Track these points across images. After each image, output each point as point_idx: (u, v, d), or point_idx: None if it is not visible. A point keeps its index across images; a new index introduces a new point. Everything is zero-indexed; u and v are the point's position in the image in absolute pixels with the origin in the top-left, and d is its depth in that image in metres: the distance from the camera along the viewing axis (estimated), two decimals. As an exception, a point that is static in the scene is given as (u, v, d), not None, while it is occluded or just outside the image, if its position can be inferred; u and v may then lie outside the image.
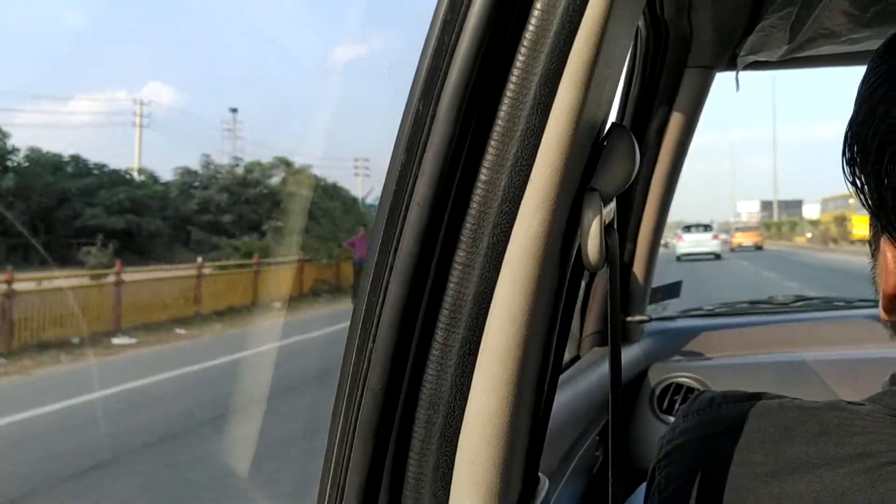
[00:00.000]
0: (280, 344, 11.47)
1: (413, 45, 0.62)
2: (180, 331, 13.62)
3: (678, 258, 30.08)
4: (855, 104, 0.56)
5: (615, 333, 0.71)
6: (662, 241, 1.97)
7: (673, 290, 2.14)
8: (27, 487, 5.54)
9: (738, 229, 43.99)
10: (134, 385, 8.87)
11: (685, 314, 2.20)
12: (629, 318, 1.86)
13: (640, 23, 1.44)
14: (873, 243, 0.58)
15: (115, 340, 12.28)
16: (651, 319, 1.95)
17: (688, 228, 34.19)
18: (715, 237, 33.47)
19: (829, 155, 0.60)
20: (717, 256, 31.24)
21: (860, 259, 0.85)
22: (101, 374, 9.55)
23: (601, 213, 0.64)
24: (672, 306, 2.41)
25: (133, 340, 12.38)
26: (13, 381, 9.70)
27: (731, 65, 1.60)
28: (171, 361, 10.43)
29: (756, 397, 0.64)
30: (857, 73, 0.58)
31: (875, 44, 1.41)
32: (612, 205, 0.68)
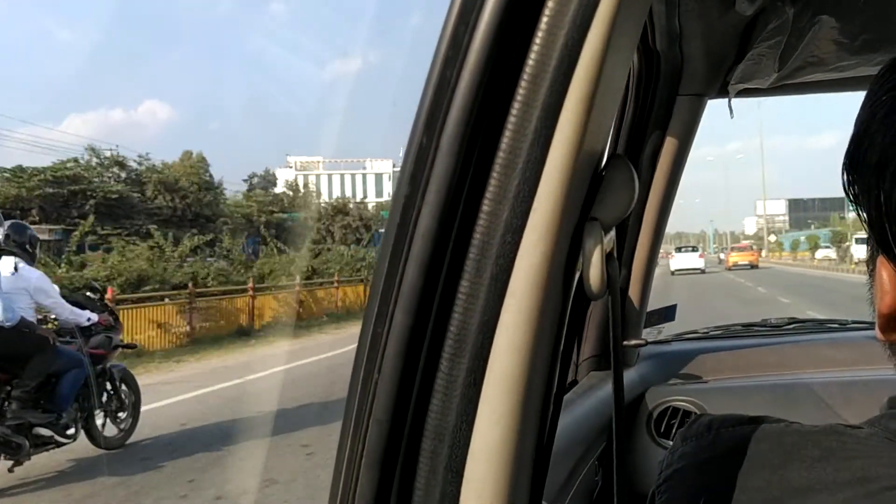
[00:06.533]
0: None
1: (416, 78, 0.63)
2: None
3: (672, 273, 35.44)
4: (855, 125, 0.57)
5: (618, 360, 0.72)
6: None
7: (668, 313, 2.14)
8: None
9: (733, 248, 48.73)
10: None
11: (679, 337, 2.20)
12: (625, 343, 1.86)
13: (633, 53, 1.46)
14: (870, 262, 0.59)
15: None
16: (647, 343, 1.96)
17: (679, 249, 41.24)
18: (700, 256, 40.75)
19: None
20: (702, 271, 38.13)
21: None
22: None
23: (602, 242, 0.65)
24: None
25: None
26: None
27: (723, 92, 1.62)
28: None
29: (754, 421, 0.64)
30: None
31: (863, 70, 1.43)
32: (612, 234, 0.69)
